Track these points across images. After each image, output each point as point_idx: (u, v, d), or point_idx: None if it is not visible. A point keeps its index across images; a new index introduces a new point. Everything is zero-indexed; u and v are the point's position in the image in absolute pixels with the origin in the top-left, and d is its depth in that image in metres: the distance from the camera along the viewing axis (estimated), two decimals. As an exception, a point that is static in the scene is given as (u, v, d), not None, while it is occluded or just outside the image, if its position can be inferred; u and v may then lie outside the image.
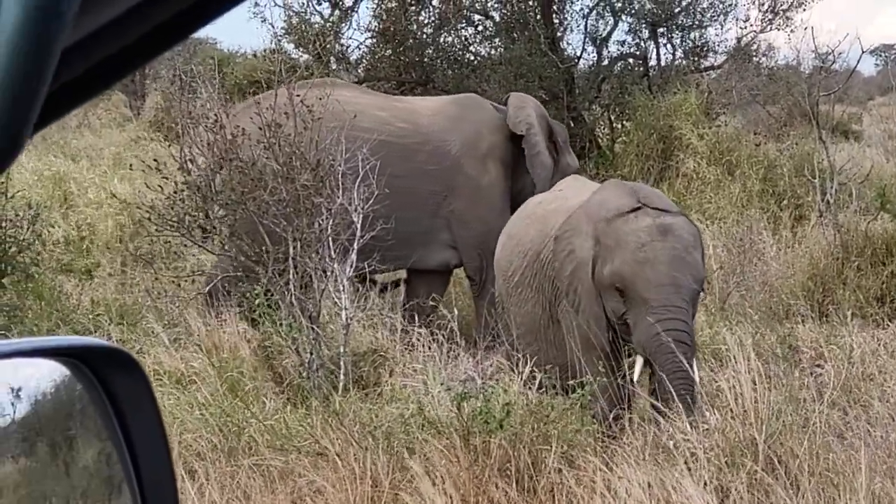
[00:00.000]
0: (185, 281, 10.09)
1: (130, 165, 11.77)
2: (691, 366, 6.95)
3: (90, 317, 9.89)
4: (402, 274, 11.64)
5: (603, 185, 8.38)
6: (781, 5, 20.22)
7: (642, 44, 20.18)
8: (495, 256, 9.23)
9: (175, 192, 9.57)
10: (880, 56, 51.73)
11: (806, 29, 21.42)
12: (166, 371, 8.55)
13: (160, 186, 9.55)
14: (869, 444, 6.77)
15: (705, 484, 5.98)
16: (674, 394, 6.74)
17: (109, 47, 1.17)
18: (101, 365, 1.97)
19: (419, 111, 11.53)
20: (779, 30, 20.58)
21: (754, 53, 21.72)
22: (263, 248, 9.06)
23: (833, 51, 16.67)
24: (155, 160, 9.82)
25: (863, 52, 16.68)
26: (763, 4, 20.37)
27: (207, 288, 10.03)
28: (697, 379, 7.00)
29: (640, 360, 7.13)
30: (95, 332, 9.38)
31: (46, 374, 2.01)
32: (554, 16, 19.70)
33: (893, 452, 6.70)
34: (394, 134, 11.04)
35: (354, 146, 9.71)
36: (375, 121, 10.99)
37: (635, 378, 7.16)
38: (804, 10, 20.14)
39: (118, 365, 2.00)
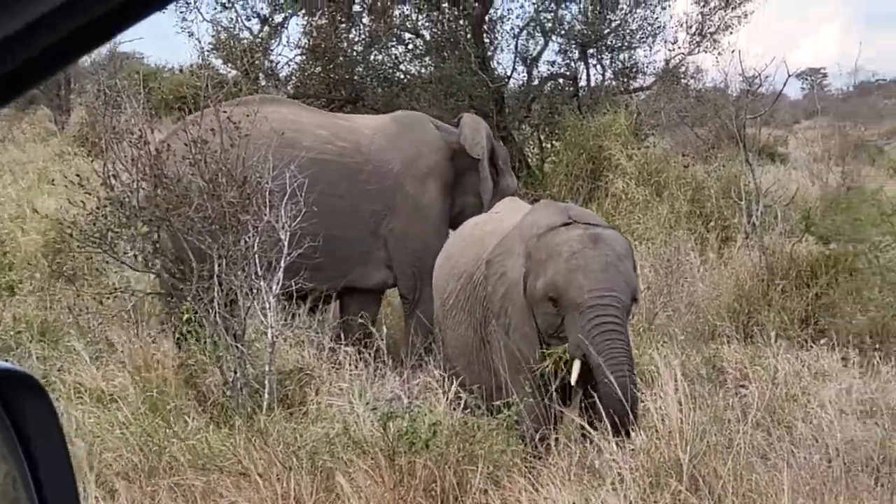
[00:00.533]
0: (108, 298, 9.94)
1: (52, 180, 11.64)
2: (629, 354, 6.97)
3: (11, 333, 9.75)
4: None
5: (534, 206, 8.37)
6: (709, 28, 20.42)
7: (572, 64, 20.27)
8: (433, 277, 9.20)
9: (98, 208, 9.44)
10: (806, 80, 52.42)
11: (733, 52, 21.61)
12: (87, 389, 8.43)
13: (83, 202, 9.42)
14: (792, 465, 6.81)
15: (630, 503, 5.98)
16: (614, 384, 6.70)
17: (30, 49, 1.13)
18: (7, 389, 1.95)
19: (360, 130, 11.46)
20: (706, 52, 20.78)
21: (682, 75, 21.89)
22: (188, 265, 8.96)
23: (760, 74, 16.82)
24: (78, 175, 9.68)
25: (789, 75, 16.78)
26: (691, 27, 20.55)
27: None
28: (635, 371, 6.98)
29: (577, 364, 7.07)
30: (17, 348, 9.25)
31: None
32: (484, 35, 19.73)
33: (816, 473, 6.73)
34: (335, 153, 11.00)
35: (294, 165, 9.70)
36: (316, 139, 10.95)
37: (573, 381, 7.11)
38: (731, 33, 20.36)
39: (25, 389, 1.98)
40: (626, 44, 20.33)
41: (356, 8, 20.28)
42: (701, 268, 13.00)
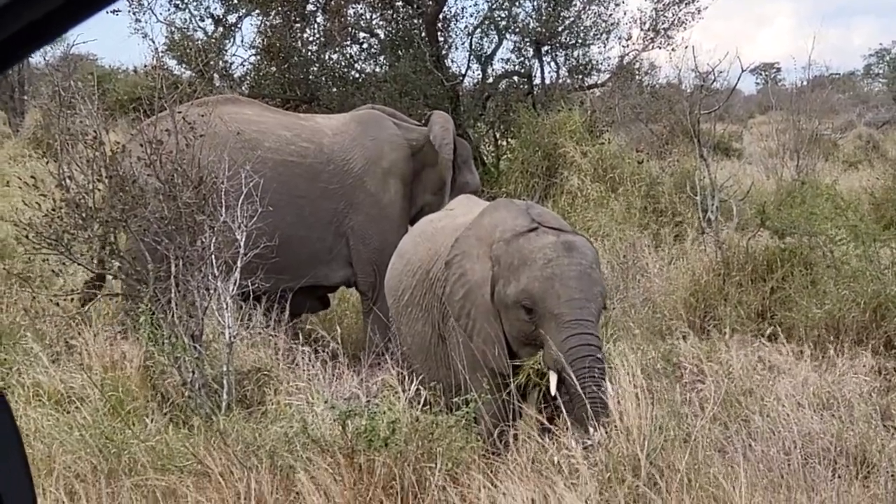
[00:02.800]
0: (64, 300, 9.89)
1: (7, 182, 11.55)
2: (604, 379, 6.97)
3: (-34, 337, 9.70)
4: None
5: (490, 206, 8.27)
6: (662, 24, 20.52)
7: (527, 62, 20.33)
8: (386, 276, 9.21)
9: (53, 210, 9.40)
10: (760, 75, 52.81)
11: (687, 48, 21.74)
12: (46, 391, 8.40)
13: (38, 203, 9.37)
14: (749, 459, 6.86)
15: (587, 499, 6.00)
16: (581, 408, 6.73)
17: None
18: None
19: (323, 130, 11.52)
20: (660, 48, 20.88)
21: (637, 72, 22.03)
22: (145, 266, 8.94)
23: (713, 70, 16.89)
24: (33, 177, 9.63)
25: (742, 70, 16.95)
26: (645, 23, 20.65)
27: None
28: (610, 392, 6.99)
29: (554, 376, 7.08)
30: (-27, 352, 9.21)
31: None
32: (439, 34, 19.78)
33: (774, 466, 6.79)
34: (298, 154, 11.08)
35: (257, 165, 9.78)
36: (279, 140, 11.05)
37: (553, 392, 7.10)
38: (685, 29, 20.48)
39: None
40: (580, 41, 20.42)
41: (310, 7, 20.27)
42: (657, 263, 13.05)
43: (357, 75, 20.20)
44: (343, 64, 20.30)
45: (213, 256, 8.55)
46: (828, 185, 15.02)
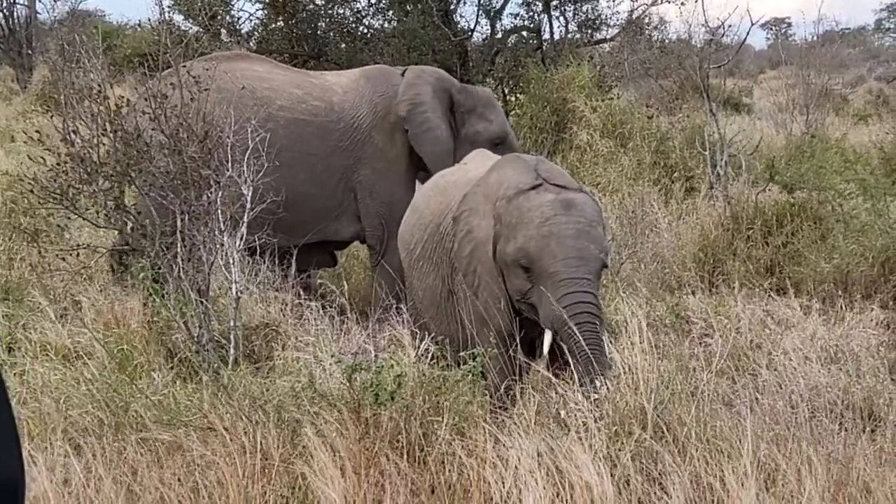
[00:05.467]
0: (70, 255, 9.88)
1: (12, 137, 11.53)
2: (601, 336, 6.93)
3: (-27, 293, 9.71)
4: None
5: (500, 161, 8.13)
6: (673, -22, 20.38)
7: (536, 17, 20.26)
8: (399, 231, 9.18)
9: (58, 165, 9.39)
10: (770, 29, 52.62)
11: (696, 2, 21.64)
12: (53, 347, 8.41)
13: (42, 158, 9.35)
14: (756, 412, 6.85)
15: (595, 452, 5.99)
16: (582, 365, 6.70)
17: None
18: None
19: (333, 88, 11.50)
20: (670, 3, 20.77)
21: (646, 27, 21.92)
22: (150, 221, 8.93)
23: (723, 24, 16.81)
24: (38, 132, 9.61)
25: (752, 25, 16.84)
26: (654, -22, 20.52)
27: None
28: (608, 348, 6.94)
29: (548, 336, 7.04)
30: (-20, 308, 9.21)
31: None
32: (447, -12, 19.67)
33: (780, 420, 6.77)
34: (309, 112, 11.11)
35: (268, 123, 9.87)
36: (290, 99, 11.08)
37: (544, 353, 7.09)
38: (695, -18, 20.32)
39: None
40: (589, -5, 20.33)
41: (318, -39, 20.17)
42: (666, 219, 13.02)
43: (365, 30, 20.12)
44: (351, 19, 20.23)
45: (219, 211, 8.53)
46: (837, 139, 14.97)
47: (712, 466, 5.90)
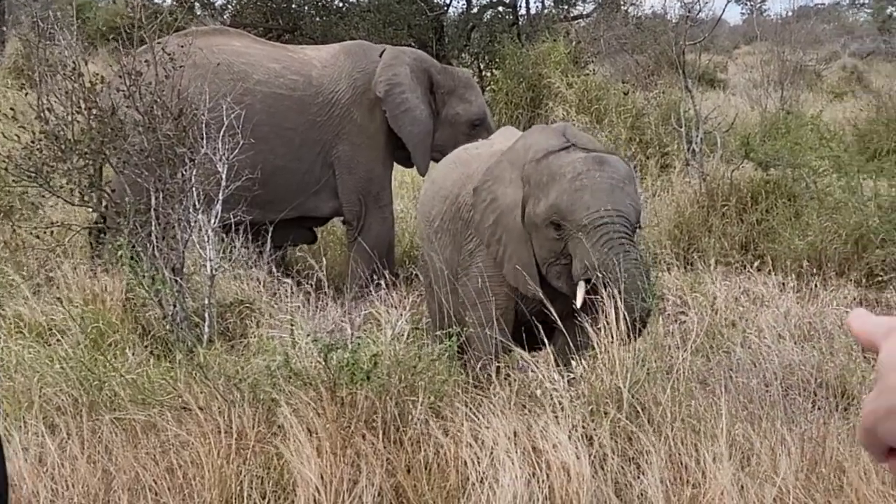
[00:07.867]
0: (44, 232, 9.84)
1: (-14, 113, 11.42)
2: (645, 272, 6.85)
3: (-54, 270, 9.66)
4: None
5: (527, 132, 7.99)
6: (648, -46, 20.37)
7: (512, -8, 20.20)
8: (419, 202, 9.13)
9: (32, 142, 9.33)
10: (745, 5, 52.63)
11: (672, -22, 21.64)
12: (27, 323, 8.37)
13: (16, 136, 9.30)
14: (730, 390, 6.88)
15: (571, 431, 6.01)
16: (628, 291, 6.56)
17: None
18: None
19: (312, 63, 11.46)
20: (646, -22, 20.73)
21: (622, 2, 21.89)
22: (125, 198, 8.89)
23: (698, 0, 16.81)
24: (11, 109, 9.55)
25: (728, 0, 16.83)
26: (630, -47, 20.51)
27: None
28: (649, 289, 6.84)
29: (581, 287, 6.88)
30: (-48, 285, 9.17)
31: None
32: (423, -38, 19.60)
33: (754, 398, 6.81)
34: (287, 87, 11.07)
35: (247, 99, 9.85)
36: (269, 73, 11.05)
37: (578, 304, 6.95)
38: (670, -42, 20.30)
39: None
40: (565, -29, 20.31)
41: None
42: (641, 195, 13.04)
43: (340, 4, 20.05)
44: (326, -7, 20.14)
45: (193, 189, 8.50)
46: (812, 116, 14.98)
47: (688, 446, 5.93)
